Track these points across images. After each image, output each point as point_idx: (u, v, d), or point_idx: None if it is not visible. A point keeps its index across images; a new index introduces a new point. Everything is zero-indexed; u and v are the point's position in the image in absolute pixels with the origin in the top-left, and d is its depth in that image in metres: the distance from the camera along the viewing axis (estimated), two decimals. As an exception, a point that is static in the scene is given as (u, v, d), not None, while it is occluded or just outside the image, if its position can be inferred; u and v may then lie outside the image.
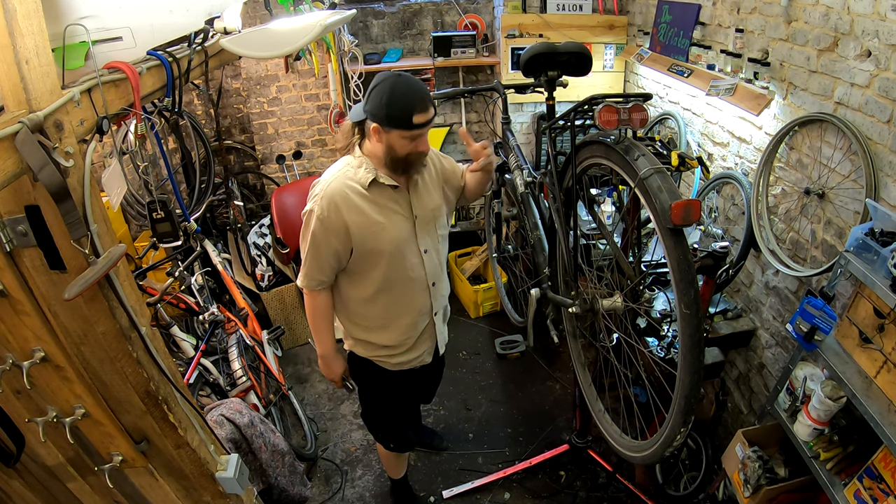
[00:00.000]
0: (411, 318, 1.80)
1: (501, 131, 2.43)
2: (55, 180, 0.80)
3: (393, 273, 1.70)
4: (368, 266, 1.68)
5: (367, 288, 1.72)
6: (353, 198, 1.59)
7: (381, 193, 1.65)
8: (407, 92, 1.51)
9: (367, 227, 1.62)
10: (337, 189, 1.59)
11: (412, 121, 1.50)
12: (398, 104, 1.50)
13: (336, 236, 1.60)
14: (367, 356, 1.85)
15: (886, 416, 1.33)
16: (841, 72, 1.70)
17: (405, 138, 1.54)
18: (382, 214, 1.64)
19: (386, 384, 1.92)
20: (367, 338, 1.81)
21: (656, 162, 1.30)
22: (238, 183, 4.09)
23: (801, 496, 1.74)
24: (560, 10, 3.21)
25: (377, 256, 1.66)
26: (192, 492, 1.32)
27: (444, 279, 1.90)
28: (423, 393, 2.19)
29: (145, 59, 1.17)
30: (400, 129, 1.52)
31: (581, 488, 2.50)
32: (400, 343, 1.82)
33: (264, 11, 2.17)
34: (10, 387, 1.02)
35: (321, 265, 1.65)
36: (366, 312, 1.77)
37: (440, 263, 1.85)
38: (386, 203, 1.65)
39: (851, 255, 1.46)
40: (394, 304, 1.76)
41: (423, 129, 1.54)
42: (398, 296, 1.75)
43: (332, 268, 1.67)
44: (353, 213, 1.59)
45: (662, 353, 2.03)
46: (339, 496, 2.54)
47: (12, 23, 0.77)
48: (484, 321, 3.67)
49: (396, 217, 1.67)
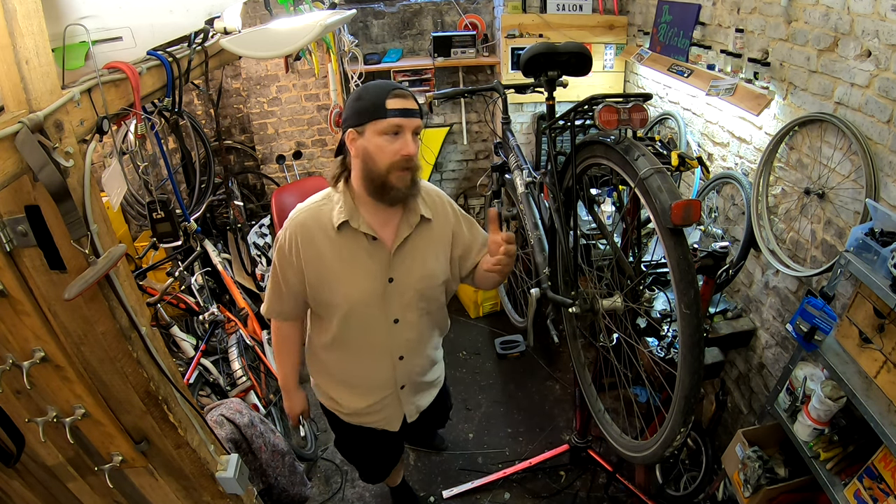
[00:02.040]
0: (367, 384, 1.60)
1: (501, 131, 2.43)
2: (55, 180, 0.80)
3: (347, 333, 1.48)
4: (324, 314, 1.49)
5: (325, 336, 1.52)
6: (316, 237, 1.38)
7: (354, 241, 1.39)
8: (379, 84, 1.32)
9: (322, 275, 1.40)
10: (302, 223, 1.39)
11: (385, 105, 1.24)
12: (368, 94, 1.28)
13: (292, 272, 1.42)
14: (323, 403, 1.73)
15: (886, 416, 1.33)
16: (841, 72, 1.70)
17: (383, 134, 1.27)
18: (344, 266, 1.40)
19: (343, 432, 1.78)
20: (324, 387, 1.69)
21: (656, 162, 1.30)
22: (238, 183, 4.09)
23: (801, 496, 1.74)
24: (560, 10, 3.21)
25: (330, 308, 1.45)
26: (192, 492, 1.32)
27: (424, 354, 1.63)
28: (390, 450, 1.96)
29: (145, 59, 1.17)
30: (374, 121, 1.26)
31: (581, 488, 2.50)
32: (353, 405, 1.64)
33: (264, 11, 2.17)
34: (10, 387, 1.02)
35: (279, 295, 1.49)
36: (324, 360, 1.61)
37: (417, 339, 1.56)
38: (355, 254, 1.39)
39: (851, 255, 1.46)
40: (349, 363, 1.57)
41: (404, 119, 1.26)
42: (354, 358, 1.55)
43: (291, 301, 1.49)
44: (311, 255, 1.38)
45: (662, 353, 2.03)
46: (339, 496, 2.53)
47: (12, 23, 0.77)
48: (484, 321, 3.67)
49: (361, 273, 1.41)
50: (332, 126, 3.42)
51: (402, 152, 1.28)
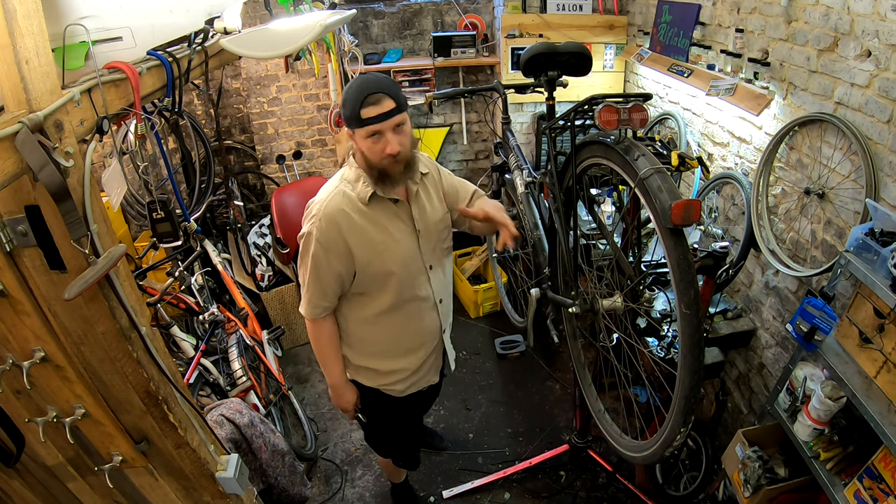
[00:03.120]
0: (420, 338, 1.72)
1: (501, 131, 2.43)
2: (55, 180, 0.80)
3: (401, 294, 1.59)
4: (374, 288, 1.58)
5: (371, 311, 1.61)
6: (353, 216, 1.48)
7: (383, 208, 1.53)
8: (359, 86, 1.38)
9: (371, 248, 1.51)
10: (335, 207, 1.47)
11: (360, 115, 1.37)
12: (349, 101, 1.38)
13: (338, 258, 1.49)
14: (371, 385, 1.75)
15: (886, 416, 1.33)
16: (841, 72, 1.70)
17: (366, 138, 1.41)
18: (385, 232, 1.53)
19: (392, 411, 1.83)
20: (372, 365, 1.71)
21: (656, 162, 1.30)
22: (238, 183, 4.09)
23: (801, 496, 1.74)
24: (560, 10, 3.21)
25: (384, 278, 1.55)
26: (192, 492, 1.32)
27: (450, 291, 1.80)
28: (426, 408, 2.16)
29: (145, 59, 1.17)
30: (357, 128, 1.41)
31: (581, 488, 2.50)
32: (408, 367, 1.73)
33: (264, 11, 2.17)
34: (10, 387, 1.02)
35: (324, 290, 1.54)
36: (371, 337, 1.67)
37: (446, 279, 1.75)
38: (388, 219, 1.54)
39: (851, 255, 1.46)
40: (402, 326, 1.66)
41: (381, 123, 1.38)
42: (406, 317, 1.65)
43: (335, 292, 1.57)
44: (355, 233, 1.48)
45: (662, 353, 2.03)
46: (339, 496, 2.54)
47: (12, 23, 0.77)
48: (484, 321, 3.67)
49: (400, 234, 1.56)
50: (332, 126, 3.42)
51: (385, 151, 1.42)
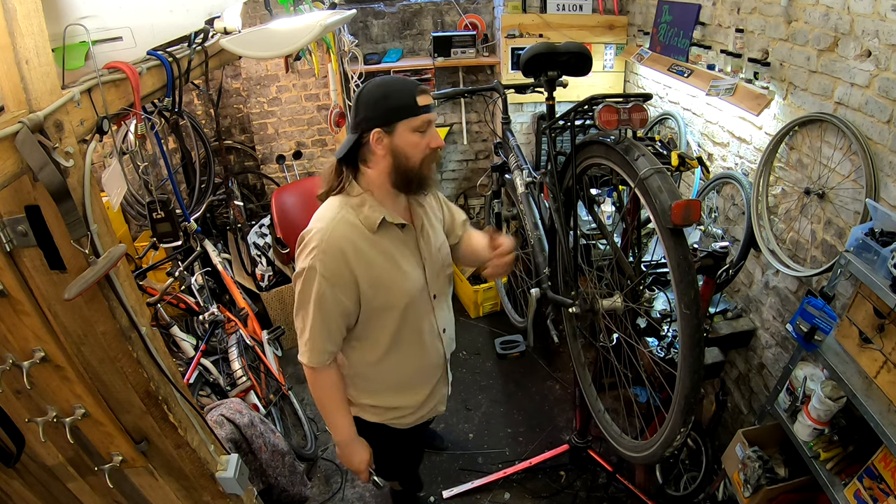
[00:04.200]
0: (427, 372, 1.62)
1: (501, 131, 2.43)
2: (55, 180, 0.80)
3: (405, 328, 1.48)
4: (376, 325, 1.45)
5: (376, 350, 1.49)
6: (360, 245, 1.34)
7: (390, 236, 1.40)
8: (400, 80, 1.34)
9: (378, 281, 1.38)
10: (341, 236, 1.32)
11: (417, 102, 1.28)
12: (395, 91, 1.29)
13: (345, 293, 1.35)
14: (378, 421, 1.63)
15: (886, 416, 1.33)
16: (841, 72, 1.70)
17: (415, 131, 1.30)
18: (392, 262, 1.40)
19: (398, 442, 1.74)
20: (378, 402, 1.60)
21: (656, 162, 1.31)
22: (238, 183, 4.09)
23: (801, 496, 1.74)
24: (560, 10, 3.21)
25: (388, 312, 1.43)
26: (192, 492, 1.32)
27: (452, 318, 1.69)
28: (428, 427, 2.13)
29: (145, 59, 1.17)
30: (407, 119, 1.28)
31: (581, 488, 2.50)
32: (415, 402, 1.63)
33: (264, 11, 2.17)
34: (10, 387, 1.02)
35: (330, 332, 1.39)
36: (375, 376, 1.56)
37: (448, 306, 1.65)
38: (395, 247, 1.41)
39: (851, 255, 1.46)
40: (407, 361, 1.55)
41: (431, 113, 1.33)
42: (411, 352, 1.54)
43: (341, 333, 1.42)
44: (362, 265, 1.35)
45: (662, 353, 2.03)
46: (339, 496, 2.53)
47: (12, 23, 0.77)
48: (484, 321, 3.67)
49: (407, 264, 1.43)
50: (332, 126, 3.42)
51: (432, 145, 1.33)
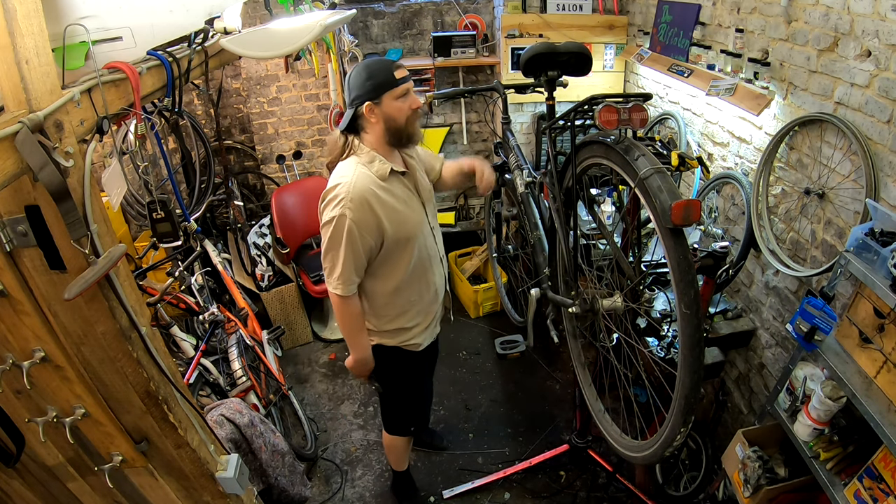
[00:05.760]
0: (433, 291, 1.92)
1: (501, 131, 2.43)
2: (55, 180, 0.80)
3: (419, 253, 1.81)
4: (396, 255, 1.77)
5: (394, 278, 1.79)
6: (378, 193, 1.66)
7: (395, 182, 1.73)
8: (378, 61, 1.69)
9: (397, 217, 1.70)
10: (363, 187, 1.63)
11: (395, 75, 1.62)
12: (377, 70, 1.63)
13: (370, 234, 1.66)
14: (394, 344, 1.91)
15: (886, 416, 1.33)
16: (841, 72, 1.70)
17: (398, 98, 1.63)
18: (403, 202, 1.73)
19: (412, 367, 2.02)
20: (395, 325, 1.88)
21: (656, 162, 1.30)
22: (238, 183, 4.09)
23: (801, 496, 1.74)
24: (560, 10, 3.21)
25: (406, 243, 1.76)
26: (192, 492, 1.32)
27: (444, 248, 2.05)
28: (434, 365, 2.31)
29: (145, 59, 1.17)
30: (390, 90, 1.61)
31: (581, 488, 2.50)
32: (425, 318, 1.93)
33: (264, 11, 2.17)
34: (10, 387, 1.02)
35: (357, 267, 1.70)
36: (392, 302, 1.84)
37: (440, 236, 1.99)
38: (402, 191, 1.75)
39: (851, 255, 1.46)
40: (418, 283, 1.86)
41: (409, 82, 1.66)
42: (422, 275, 1.86)
43: (363, 267, 1.74)
44: (383, 208, 1.67)
45: (662, 353, 2.03)
46: (339, 496, 2.54)
47: (12, 23, 0.77)
48: (484, 321, 3.67)
49: (412, 201, 1.78)
50: (333, 126, 3.42)
51: (413, 107, 1.67)
